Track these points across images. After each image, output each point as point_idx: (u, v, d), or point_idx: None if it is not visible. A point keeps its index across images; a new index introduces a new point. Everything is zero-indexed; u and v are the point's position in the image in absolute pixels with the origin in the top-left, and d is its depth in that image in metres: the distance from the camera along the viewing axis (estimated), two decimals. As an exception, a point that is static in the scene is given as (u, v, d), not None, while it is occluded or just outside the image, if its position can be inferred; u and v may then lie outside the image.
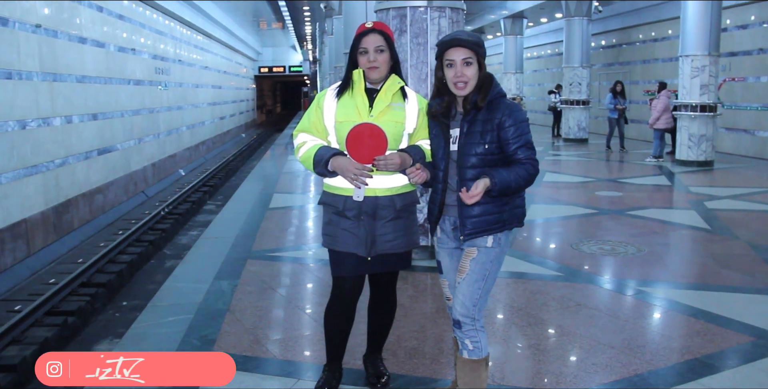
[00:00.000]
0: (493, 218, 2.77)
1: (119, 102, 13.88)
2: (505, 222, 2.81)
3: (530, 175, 2.73)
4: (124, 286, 8.69)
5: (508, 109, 2.77)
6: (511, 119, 2.74)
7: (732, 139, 14.80)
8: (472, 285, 2.80)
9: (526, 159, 2.74)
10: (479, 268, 2.80)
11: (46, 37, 10.26)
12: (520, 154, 2.74)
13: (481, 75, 2.77)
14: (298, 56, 48.73)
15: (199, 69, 23.90)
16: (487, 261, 2.80)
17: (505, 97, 2.83)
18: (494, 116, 2.76)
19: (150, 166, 15.97)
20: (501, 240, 2.83)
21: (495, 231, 2.79)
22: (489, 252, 2.80)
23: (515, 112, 2.76)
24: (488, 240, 2.80)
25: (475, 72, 2.75)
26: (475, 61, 2.74)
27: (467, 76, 2.74)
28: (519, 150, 2.75)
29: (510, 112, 2.76)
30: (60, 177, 10.49)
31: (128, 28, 14.95)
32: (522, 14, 22.64)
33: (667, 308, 4.57)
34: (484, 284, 2.80)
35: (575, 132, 17.72)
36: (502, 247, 2.84)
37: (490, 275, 2.82)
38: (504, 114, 2.75)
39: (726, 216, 7.74)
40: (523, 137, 2.76)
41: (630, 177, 11.12)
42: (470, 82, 2.75)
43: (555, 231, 7.07)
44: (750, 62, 14.44)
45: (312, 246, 6.47)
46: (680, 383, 3.37)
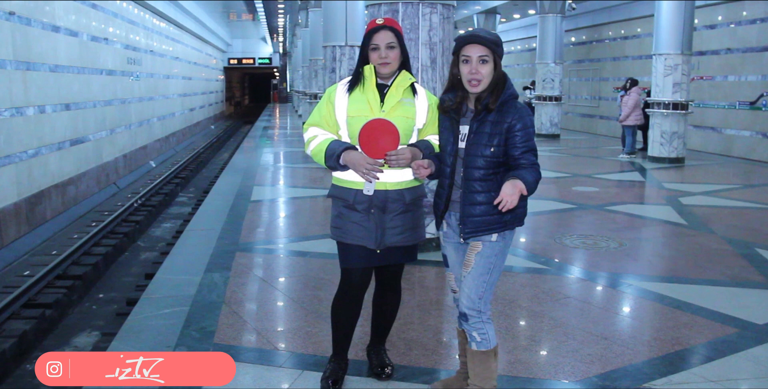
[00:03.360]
0: (493, 219, 2.81)
1: (92, 92, 13.66)
2: (506, 223, 2.85)
3: (537, 181, 2.76)
4: (99, 278, 8.59)
5: (518, 113, 2.79)
6: (520, 124, 2.78)
7: (700, 137, 15.15)
8: (477, 279, 2.85)
9: (530, 164, 2.76)
10: (484, 262, 2.85)
11: (19, 24, 10.05)
12: (525, 160, 2.77)
13: (495, 74, 2.80)
14: (269, 48, 48.33)
15: (170, 59, 23.61)
16: (492, 254, 2.85)
17: (516, 98, 2.86)
18: (504, 119, 2.79)
19: (122, 157, 15.76)
20: (506, 235, 2.88)
21: (496, 230, 2.84)
22: (494, 246, 2.85)
23: (525, 117, 2.79)
24: (493, 235, 2.84)
25: (490, 70, 2.78)
26: (491, 59, 2.77)
27: (481, 74, 2.76)
28: (525, 155, 2.77)
29: (520, 116, 2.79)
30: (33, 167, 10.31)
31: (101, 17, 14.70)
32: (495, 10, 22.83)
33: (652, 300, 4.70)
34: (489, 277, 2.85)
35: (547, 128, 17.96)
36: (506, 241, 2.90)
37: (495, 268, 2.87)
38: (514, 118, 2.78)
39: (700, 211, 7.95)
40: (530, 143, 2.80)
41: (604, 172, 11.33)
42: (484, 80, 2.78)
43: (537, 226, 7.18)
44: (717, 62, 14.79)
45: (299, 239, 6.49)
46: (673, 372, 3.49)
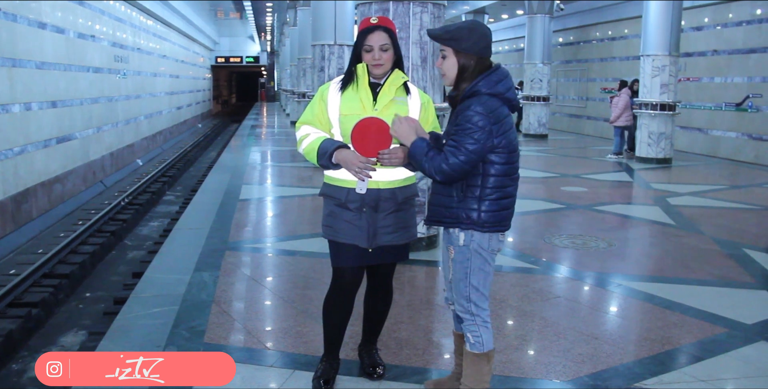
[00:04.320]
0: (445, 211, 2.81)
1: (78, 89, 13.54)
2: (458, 219, 2.78)
3: (437, 168, 2.69)
4: (86, 277, 8.52)
5: (474, 104, 2.68)
6: (467, 113, 2.68)
7: (686, 138, 15.25)
8: (458, 284, 2.86)
9: (446, 152, 2.68)
10: (459, 267, 2.85)
11: (5, 21, 9.94)
12: (445, 151, 2.70)
13: (459, 68, 2.78)
14: (256, 47, 48.13)
15: (157, 57, 23.46)
16: (464, 259, 2.83)
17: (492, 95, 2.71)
18: (460, 108, 2.75)
19: (108, 156, 15.64)
20: (474, 238, 2.79)
21: (451, 225, 2.81)
22: (463, 251, 2.82)
23: (476, 113, 2.66)
24: (460, 238, 2.81)
25: (452, 64, 2.79)
26: (450, 53, 2.78)
27: (443, 69, 2.83)
28: (450, 141, 2.71)
29: (470, 107, 2.68)
30: (19, 165, 10.20)
31: (88, 14, 14.58)
32: (483, 10, 22.87)
33: (642, 300, 4.71)
34: (468, 282, 2.83)
35: (535, 128, 18.02)
36: (476, 245, 2.80)
37: (472, 272, 2.83)
38: (466, 107, 2.70)
39: (688, 212, 8.00)
40: (461, 135, 2.67)
41: (592, 173, 11.37)
42: (447, 75, 2.82)
43: (526, 226, 7.19)
44: (704, 63, 14.89)
45: (288, 238, 6.46)
46: (664, 372, 3.50)
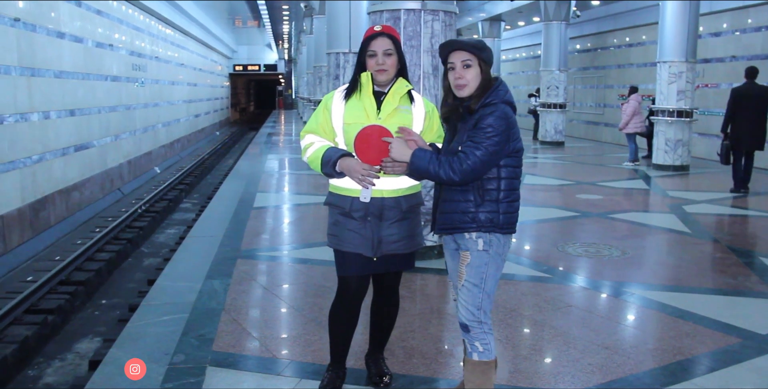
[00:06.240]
0: (464, 217, 2.78)
1: (96, 98, 13.71)
2: (480, 224, 2.77)
3: (456, 168, 2.68)
4: (102, 284, 8.60)
5: (496, 110, 2.71)
6: (489, 119, 2.68)
7: (705, 144, 15.09)
8: (471, 291, 2.81)
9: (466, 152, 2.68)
10: (474, 273, 2.80)
11: (24, 31, 10.10)
12: (462, 151, 2.69)
13: (483, 78, 2.78)
14: (274, 55, 48.49)
15: (175, 66, 23.69)
16: (481, 264, 2.80)
17: (508, 104, 2.77)
18: (476, 117, 2.74)
19: (126, 163, 15.79)
20: (492, 242, 2.80)
21: (470, 230, 2.78)
22: (481, 256, 2.79)
23: (497, 118, 2.68)
24: (479, 243, 2.79)
25: (476, 74, 2.77)
26: (475, 63, 2.76)
27: (466, 78, 2.77)
28: (468, 142, 2.70)
29: (492, 113, 2.69)
30: (37, 173, 10.34)
31: (106, 23, 14.77)
32: (500, 17, 22.84)
33: (655, 310, 4.66)
34: (483, 288, 2.80)
35: (552, 135, 17.93)
36: (494, 249, 2.81)
37: (488, 279, 2.81)
38: (486, 114, 2.71)
39: (704, 220, 7.91)
40: (481, 138, 2.67)
41: (608, 180, 11.29)
42: (470, 84, 2.78)
43: (539, 234, 7.15)
44: (723, 69, 14.76)
45: (301, 246, 6.48)
46: (674, 383, 3.45)
